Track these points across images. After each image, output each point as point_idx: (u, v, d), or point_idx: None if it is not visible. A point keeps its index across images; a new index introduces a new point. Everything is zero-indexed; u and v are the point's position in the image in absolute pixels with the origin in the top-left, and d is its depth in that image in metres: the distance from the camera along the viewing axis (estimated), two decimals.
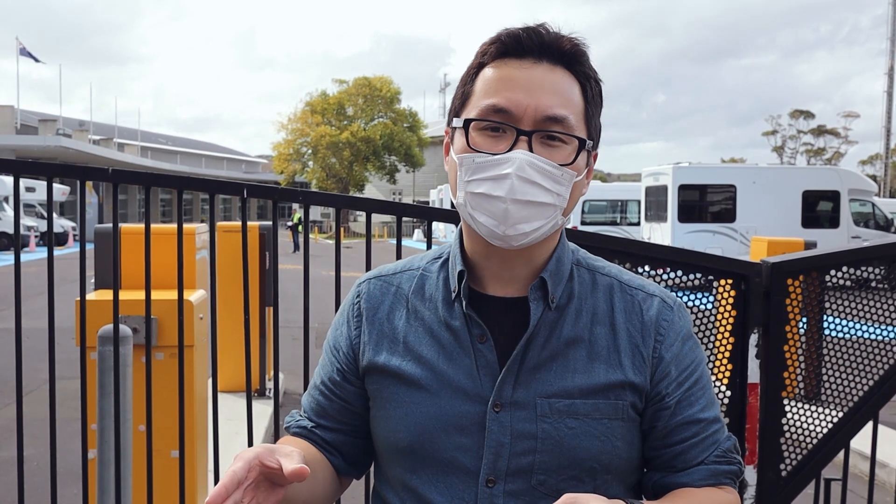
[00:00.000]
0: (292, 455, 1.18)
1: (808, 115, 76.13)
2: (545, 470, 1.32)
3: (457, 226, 1.52)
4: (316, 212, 60.98)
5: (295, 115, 56.87)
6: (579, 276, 1.42)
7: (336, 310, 2.96)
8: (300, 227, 42.26)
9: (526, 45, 1.33)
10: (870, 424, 3.47)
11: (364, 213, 3.19)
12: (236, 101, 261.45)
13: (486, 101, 1.32)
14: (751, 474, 3.32)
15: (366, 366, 1.44)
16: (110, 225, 4.00)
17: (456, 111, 1.39)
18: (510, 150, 1.29)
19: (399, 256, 3.30)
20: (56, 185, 36.14)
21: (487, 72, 1.35)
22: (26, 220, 33.65)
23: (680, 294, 3.43)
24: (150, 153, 69.78)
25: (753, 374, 3.29)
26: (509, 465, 1.32)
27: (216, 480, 3.27)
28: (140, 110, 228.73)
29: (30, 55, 51.25)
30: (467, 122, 1.33)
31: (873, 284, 3.33)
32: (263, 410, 7.01)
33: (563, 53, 1.34)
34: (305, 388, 3.19)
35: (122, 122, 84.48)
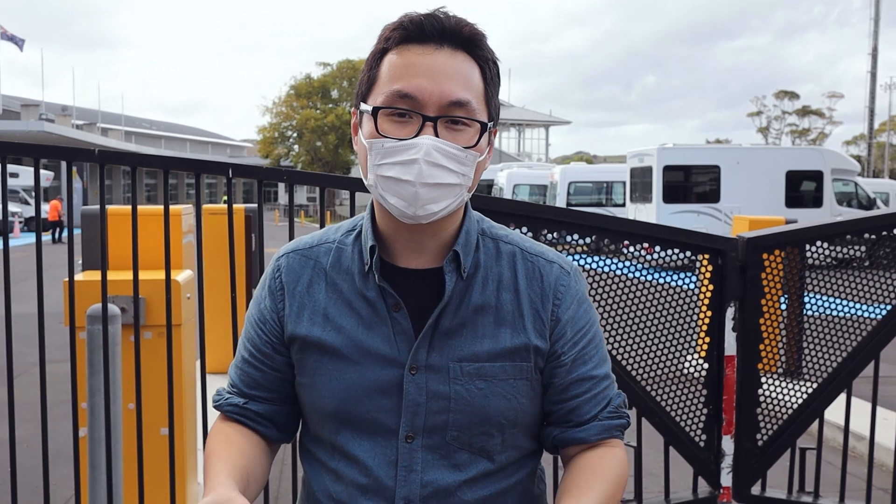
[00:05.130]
0: None
1: (793, 95, 76.28)
2: (458, 426, 1.44)
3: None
4: (302, 195, 60.86)
5: (280, 99, 56.68)
6: (484, 245, 1.51)
7: None
8: None
9: (427, 31, 1.39)
10: (844, 396, 3.56)
11: (349, 197, 3.23)
12: (225, 85, 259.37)
13: (391, 88, 1.38)
14: (728, 444, 3.41)
15: (289, 336, 1.52)
16: (97, 207, 4.04)
17: (362, 95, 1.45)
18: (417, 135, 1.37)
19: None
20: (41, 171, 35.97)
21: (391, 57, 1.41)
22: (10, 206, 33.50)
23: (663, 273, 3.50)
24: (134, 137, 69.38)
25: (730, 346, 3.37)
26: (426, 423, 1.44)
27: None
28: (125, 95, 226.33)
29: (12, 39, 50.50)
30: (375, 110, 1.39)
31: (855, 264, 3.41)
32: None
33: (463, 38, 1.40)
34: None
35: (106, 107, 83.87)
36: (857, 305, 3.43)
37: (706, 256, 3.37)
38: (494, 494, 1.42)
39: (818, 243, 3.38)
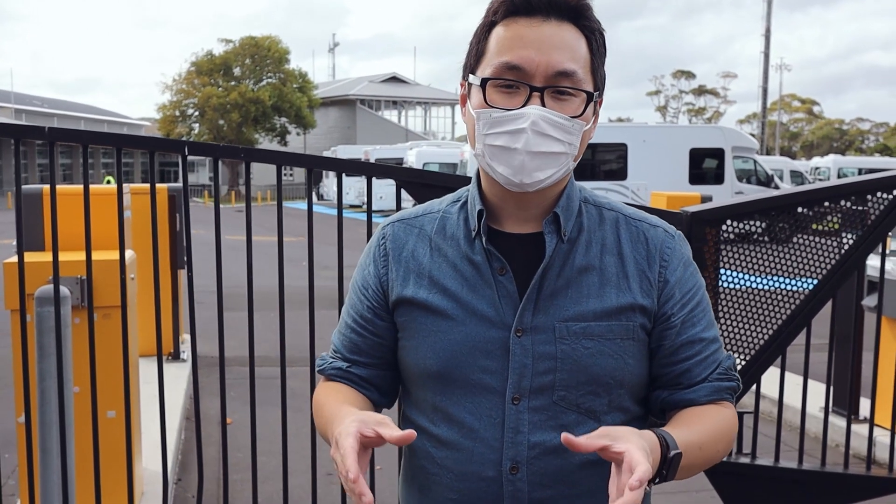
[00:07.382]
0: (386, 422, 1.31)
1: (690, 75, 78.47)
2: (565, 386, 1.46)
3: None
4: (204, 175, 59.61)
5: (180, 76, 55.17)
6: (587, 211, 1.55)
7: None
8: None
9: (534, 4, 1.43)
10: (777, 369, 3.73)
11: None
12: (122, 61, 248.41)
13: (499, 60, 1.43)
14: None
15: (395, 300, 1.56)
16: (36, 186, 3.93)
17: (471, 67, 1.50)
18: (524, 105, 1.41)
19: (340, 217, 3.35)
20: None
21: (499, 30, 1.45)
22: None
23: None
24: (25, 116, 66.66)
25: None
26: (532, 384, 1.46)
27: (163, 439, 3.29)
28: (14, 71, 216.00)
29: None
30: (484, 81, 1.44)
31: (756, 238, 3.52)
32: (178, 374, 6.96)
33: (570, 9, 1.44)
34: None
35: None
36: (786, 279, 3.58)
37: None
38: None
39: (756, 216, 3.52)
